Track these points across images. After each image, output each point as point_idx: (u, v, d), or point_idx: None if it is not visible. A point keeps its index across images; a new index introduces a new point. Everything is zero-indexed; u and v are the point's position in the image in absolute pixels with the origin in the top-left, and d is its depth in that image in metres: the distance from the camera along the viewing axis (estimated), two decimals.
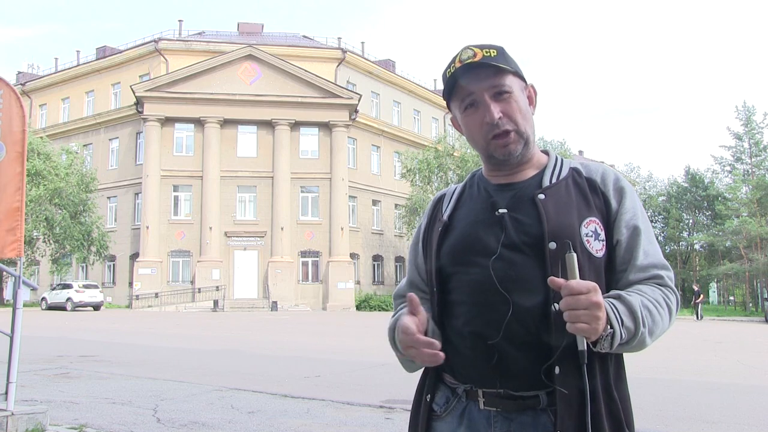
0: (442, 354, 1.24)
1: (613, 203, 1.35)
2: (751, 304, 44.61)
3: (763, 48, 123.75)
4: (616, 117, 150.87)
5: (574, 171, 1.40)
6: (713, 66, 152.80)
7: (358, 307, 36.14)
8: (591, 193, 1.36)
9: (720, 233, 43.57)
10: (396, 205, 42.64)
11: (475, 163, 37.26)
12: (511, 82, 1.36)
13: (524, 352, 1.26)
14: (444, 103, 1.47)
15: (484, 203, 1.39)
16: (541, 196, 1.33)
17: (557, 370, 1.23)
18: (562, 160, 1.43)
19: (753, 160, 42.90)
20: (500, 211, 1.35)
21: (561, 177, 1.38)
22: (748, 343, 16.25)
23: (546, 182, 1.37)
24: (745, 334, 20.35)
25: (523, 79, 1.40)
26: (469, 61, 1.34)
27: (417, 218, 38.95)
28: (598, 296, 1.14)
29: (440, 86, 1.46)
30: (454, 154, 39.46)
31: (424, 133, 46.03)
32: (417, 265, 1.51)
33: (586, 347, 1.18)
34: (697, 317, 32.43)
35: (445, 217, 1.43)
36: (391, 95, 44.42)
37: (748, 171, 43.43)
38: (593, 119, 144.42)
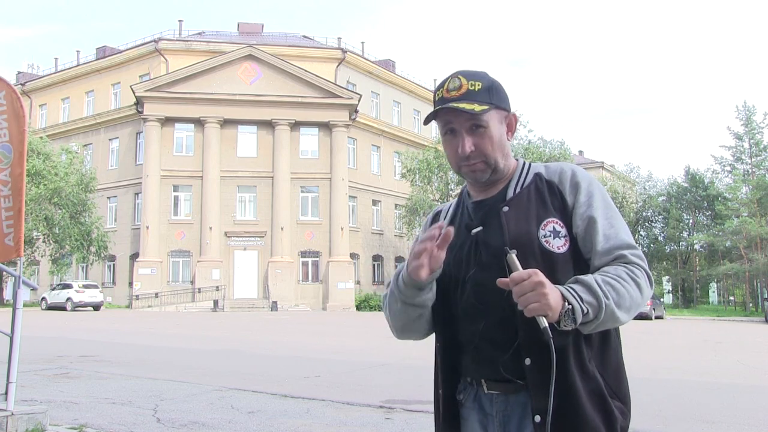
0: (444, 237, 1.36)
1: (569, 199, 1.45)
2: (751, 304, 44.53)
3: (763, 48, 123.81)
4: (616, 117, 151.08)
5: (537, 176, 1.51)
6: (713, 66, 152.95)
7: (358, 308, 36.13)
8: (549, 194, 1.47)
9: (720, 233, 43.51)
10: (396, 205, 42.63)
11: None
12: (489, 117, 1.46)
13: (502, 352, 1.40)
14: None
15: (464, 223, 1.53)
16: (505, 209, 1.46)
17: (528, 361, 1.36)
18: (528, 167, 1.54)
19: (753, 160, 42.85)
20: (474, 231, 1.49)
21: (525, 185, 1.50)
22: (748, 343, 16.25)
23: (510, 194, 1.49)
24: (745, 334, 20.35)
25: (504, 108, 1.50)
26: (454, 93, 1.45)
27: (417, 218, 38.96)
28: (539, 276, 1.25)
29: None
30: None
31: (424, 133, 45.91)
32: None
33: (547, 324, 1.26)
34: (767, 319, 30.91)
35: None
36: (391, 95, 44.42)
37: (748, 171, 43.36)
38: (593, 119, 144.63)
